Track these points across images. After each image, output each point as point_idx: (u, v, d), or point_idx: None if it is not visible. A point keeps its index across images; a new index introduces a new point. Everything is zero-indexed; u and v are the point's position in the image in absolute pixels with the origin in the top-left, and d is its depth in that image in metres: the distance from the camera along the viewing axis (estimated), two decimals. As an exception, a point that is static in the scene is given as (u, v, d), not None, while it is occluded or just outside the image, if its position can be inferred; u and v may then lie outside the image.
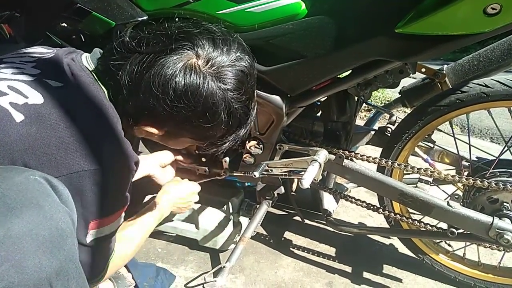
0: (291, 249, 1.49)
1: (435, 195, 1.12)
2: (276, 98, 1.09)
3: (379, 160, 1.16)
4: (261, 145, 1.21)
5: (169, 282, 1.27)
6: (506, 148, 1.16)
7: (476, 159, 1.27)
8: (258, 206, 1.34)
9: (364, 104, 1.61)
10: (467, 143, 1.22)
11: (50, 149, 0.66)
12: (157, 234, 1.47)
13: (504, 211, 1.10)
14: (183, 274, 1.33)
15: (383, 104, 2.26)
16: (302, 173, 1.04)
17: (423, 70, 1.20)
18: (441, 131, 1.27)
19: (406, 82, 1.27)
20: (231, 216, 1.39)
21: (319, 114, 1.41)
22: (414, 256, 1.36)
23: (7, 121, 0.64)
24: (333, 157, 1.15)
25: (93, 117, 0.72)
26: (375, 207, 1.23)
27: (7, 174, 0.58)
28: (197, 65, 0.75)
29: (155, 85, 0.73)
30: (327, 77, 1.04)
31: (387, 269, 1.41)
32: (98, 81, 0.78)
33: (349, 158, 1.17)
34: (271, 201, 1.35)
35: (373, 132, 1.39)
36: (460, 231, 1.14)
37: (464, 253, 1.30)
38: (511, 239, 1.03)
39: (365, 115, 2.96)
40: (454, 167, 1.37)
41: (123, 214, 0.80)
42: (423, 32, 0.86)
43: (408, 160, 1.25)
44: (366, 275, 1.37)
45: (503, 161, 1.17)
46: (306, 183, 0.99)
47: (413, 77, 1.27)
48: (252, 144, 1.22)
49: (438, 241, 1.33)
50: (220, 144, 0.88)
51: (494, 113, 1.14)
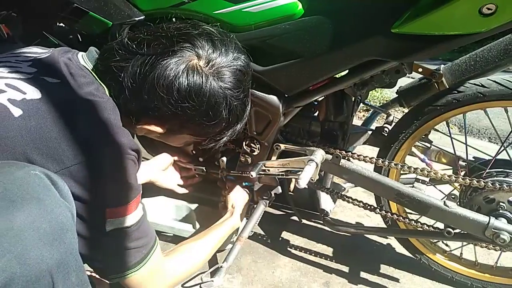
0: (289, 249, 1.49)
1: (432, 195, 1.12)
2: (273, 98, 1.09)
3: (376, 160, 1.16)
4: (258, 145, 1.21)
5: (166, 282, 1.26)
6: (502, 148, 1.16)
7: (473, 159, 1.27)
8: (255, 206, 1.34)
9: (361, 104, 1.61)
10: (464, 143, 1.22)
11: (51, 142, 0.67)
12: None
13: (501, 211, 1.10)
14: (180, 274, 1.32)
15: (381, 104, 2.27)
16: (299, 173, 1.04)
17: (420, 70, 1.20)
18: (438, 131, 1.27)
19: (403, 82, 1.27)
20: (228, 216, 1.39)
21: (316, 114, 1.41)
22: (411, 256, 1.36)
23: (6, 116, 0.66)
24: (330, 157, 1.15)
25: (92, 109, 0.73)
26: (372, 207, 1.23)
27: (8, 169, 0.59)
28: (199, 66, 0.78)
29: (159, 86, 0.76)
30: (324, 77, 1.04)
31: (384, 268, 1.41)
32: (98, 79, 0.80)
33: (346, 158, 1.17)
34: (268, 201, 1.35)
35: (370, 132, 1.39)
36: (457, 231, 1.14)
37: (461, 253, 1.30)
38: (507, 238, 1.03)
39: (363, 115, 2.96)
40: (451, 167, 1.38)
41: (140, 206, 0.79)
42: (419, 32, 0.86)
43: (405, 160, 1.26)
44: (363, 275, 1.38)
45: (499, 161, 1.17)
46: (303, 183, 0.99)
47: (411, 77, 1.27)
48: (249, 144, 1.22)
49: (435, 241, 1.33)
50: (218, 139, 0.91)
51: (492, 113, 1.14)
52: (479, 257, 1.31)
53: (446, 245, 1.35)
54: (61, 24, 1.17)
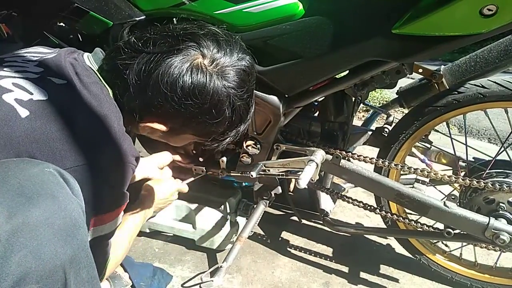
0: (288, 249, 1.49)
1: (432, 195, 1.12)
2: (274, 98, 1.09)
3: (376, 160, 1.16)
4: (258, 145, 1.21)
5: (166, 282, 1.27)
6: (502, 149, 1.16)
7: (473, 160, 1.27)
8: (255, 206, 1.34)
9: (361, 105, 1.61)
10: (464, 143, 1.22)
11: (54, 143, 0.68)
12: (154, 234, 1.47)
13: (500, 212, 1.10)
14: (180, 274, 1.33)
15: (381, 105, 2.27)
16: (299, 173, 1.04)
17: (420, 70, 1.20)
18: (438, 131, 1.27)
19: (403, 82, 1.27)
20: (228, 216, 1.39)
21: (316, 114, 1.42)
22: (411, 256, 1.36)
23: (13, 116, 0.66)
24: (330, 157, 1.15)
25: (96, 113, 0.74)
26: (372, 207, 1.23)
27: (24, 166, 0.60)
28: (203, 64, 0.79)
29: (163, 84, 0.76)
30: (324, 78, 1.04)
31: (384, 269, 1.41)
32: (102, 80, 0.81)
33: (346, 158, 1.18)
34: (268, 201, 1.35)
35: (370, 133, 1.39)
36: (457, 231, 1.14)
37: (461, 254, 1.31)
38: (507, 239, 1.03)
39: (363, 116, 2.96)
40: (451, 168, 1.38)
41: (121, 214, 0.80)
42: (420, 32, 0.86)
43: (405, 160, 1.26)
44: (363, 275, 1.38)
45: (499, 162, 1.17)
46: (303, 183, 0.99)
47: (411, 78, 1.27)
48: (249, 144, 1.22)
49: (435, 241, 1.33)
50: (221, 139, 0.92)
51: (492, 114, 1.14)
52: (479, 257, 1.31)
53: (446, 245, 1.35)
54: (61, 23, 1.17)
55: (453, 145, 1.24)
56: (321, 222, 1.39)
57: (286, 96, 1.11)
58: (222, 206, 1.39)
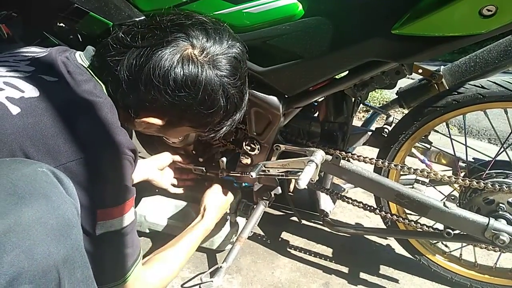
0: (288, 249, 1.49)
1: (432, 196, 1.12)
2: (273, 99, 1.09)
3: (375, 160, 1.16)
4: (258, 146, 1.21)
5: (166, 282, 1.26)
6: (502, 149, 1.16)
7: (473, 160, 1.27)
8: (255, 206, 1.34)
9: (361, 105, 1.61)
10: (463, 144, 1.22)
11: (48, 139, 0.67)
12: (154, 234, 1.47)
13: (500, 212, 1.10)
14: (179, 274, 1.32)
15: (381, 105, 2.27)
16: (299, 173, 1.04)
17: (419, 71, 1.20)
18: (437, 132, 1.27)
19: (403, 83, 1.27)
20: (228, 216, 1.39)
21: (316, 114, 1.42)
22: (410, 256, 1.36)
23: (4, 114, 0.66)
24: (330, 157, 1.15)
25: (89, 108, 0.73)
26: (372, 208, 1.23)
27: (16, 166, 0.60)
28: (194, 55, 0.79)
29: (156, 77, 0.76)
30: (324, 78, 1.04)
31: (384, 269, 1.41)
32: (95, 77, 0.80)
33: (346, 158, 1.18)
34: (268, 202, 1.35)
35: (370, 133, 1.39)
36: (457, 232, 1.14)
37: (461, 254, 1.31)
38: (507, 240, 1.03)
39: (363, 116, 2.96)
40: (451, 168, 1.38)
41: (132, 209, 0.79)
42: (419, 33, 0.86)
43: (404, 161, 1.26)
44: (363, 275, 1.38)
45: (499, 162, 1.17)
46: (302, 184, 0.99)
47: (411, 78, 1.27)
48: (249, 144, 1.22)
49: (435, 242, 1.33)
50: (217, 129, 0.91)
51: (492, 115, 1.14)
52: (479, 258, 1.31)
53: (446, 246, 1.35)
54: (61, 24, 1.17)
55: (452, 146, 1.24)
56: (321, 223, 1.39)
57: (286, 96, 1.11)
58: (222, 207, 1.38)
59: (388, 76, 1.06)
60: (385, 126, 1.37)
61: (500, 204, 1.10)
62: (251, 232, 1.27)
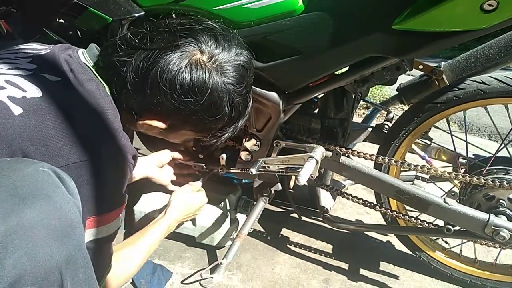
0: (288, 246, 1.49)
1: (432, 192, 1.12)
2: (273, 95, 1.09)
3: (376, 157, 1.16)
4: (258, 142, 1.21)
5: (166, 279, 1.27)
6: (503, 146, 1.16)
7: (473, 157, 1.27)
8: (255, 203, 1.34)
9: (361, 101, 1.61)
10: (464, 140, 1.22)
11: (49, 140, 0.66)
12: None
13: (500, 208, 1.10)
14: (180, 270, 1.33)
15: (381, 101, 2.26)
16: (299, 169, 1.04)
17: (420, 67, 1.20)
18: (438, 128, 1.27)
19: (404, 79, 1.27)
20: (228, 213, 1.39)
21: (316, 111, 1.41)
22: (411, 253, 1.36)
23: (6, 114, 0.65)
24: (330, 154, 1.15)
25: (92, 110, 0.72)
26: (372, 204, 1.23)
27: (18, 166, 0.58)
28: (202, 60, 0.78)
29: (162, 81, 0.75)
30: (324, 74, 1.04)
31: (384, 266, 1.41)
32: (98, 77, 0.79)
33: (346, 155, 1.17)
34: (268, 198, 1.34)
35: (370, 129, 1.39)
36: (457, 228, 1.14)
37: (461, 250, 1.31)
38: (507, 236, 1.03)
39: (363, 112, 2.96)
40: (451, 164, 1.38)
41: (121, 216, 0.78)
42: (420, 28, 0.86)
43: (405, 157, 1.25)
44: (363, 272, 1.38)
45: (499, 158, 1.17)
46: (302, 180, 0.99)
47: (411, 74, 1.27)
48: (249, 140, 1.21)
49: (435, 238, 1.33)
50: (219, 135, 0.91)
51: (492, 111, 1.14)
52: (479, 254, 1.31)
53: (446, 242, 1.35)
54: (60, 20, 1.16)
55: (453, 142, 1.23)
56: (321, 219, 1.39)
57: (286, 92, 1.11)
58: (222, 203, 1.38)
59: (388, 72, 1.05)
60: (386, 122, 1.37)
61: (501, 200, 1.10)
62: (251, 228, 1.27)
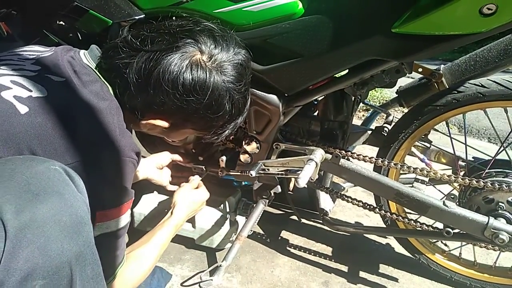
0: (288, 248, 1.49)
1: (431, 195, 1.12)
2: (273, 97, 1.09)
3: (375, 159, 1.16)
4: (257, 144, 1.21)
5: (166, 281, 1.27)
6: (502, 148, 1.16)
7: (473, 159, 1.27)
8: (254, 205, 1.34)
9: (361, 104, 1.61)
10: (463, 143, 1.22)
11: (55, 138, 0.68)
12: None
13: (500, 211, 1.10)
14: (179, 272, 1.33)
15: (381, 104, 2.27)
16: (299, 172, 1.04)
17: (420, 70, 1.20)
18: (437, 131, 1.27)
19: (403, 82, 1.27)
20: (227, 215, 1.39)
21: (316, 113, 1.41)
22: (410, 255, 1.36)
23: (12, 113, 0.67)
24: (329, 156, 1.15)
25: (95, 110, 0.74)
26: (372, 207, 1.23)
27: (30, 163, 0.60)
28: (202, 60, 0.81)
29: (165, 81, 0.78)
30: (324, 77, 1.04)
31: (384, 268, 1.41)
32: (102, 78, 0.81)
33: (346, 157, 1.17)
34: (267, 200, 1.35)
35: (369, 132, 1.39)
36: (456, 231, 1.14)
37: (460, 253, 1.31)
38: (506, 239, 1.03)
39: (363, 115, 2.96)
40: (451, 167, 1.38)
41: (129, 211, 0.80)
42: (420, 32, 0.86)
43: (404, 159, 1.26)
44: (363, 274, 1.38)
45: (499, 161, 1.17)
46: (302, 182, 0.99)
47: (411, 77, 1.27)
48: (248, 143, 1.21)
49: (434, 240, 1.33)
50: (220, 133, 0.93)
51: (491, 114, 1.14)
52: (478, 257, 1.31)
53: (445, 245, 1.35)
54: (61, 22, 1.16)
55: (452, 145, 1.23)
56: (321, 222, 1.39)
57: (286, 95, 1.11)
58: (222, 205, 1.38)
59: (388, 74, 1.05)
60: (385, 125, 1.37)
61: (500, 203, 1.10)
62: (251, 230, 1.27)
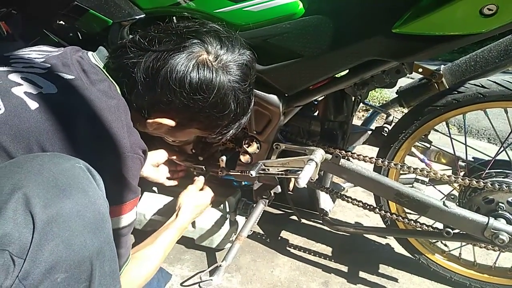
0: (288, 248, 1.49)
1: (431, 195, 1.12)
2: (273, 97, 1.09)
3: (375, 159, 1.16)
4: (258, 144, 1.21)
5: (165, 281, 1.27)
6: (502, 149, 1.16)
7: (473, 160, 1.27)
8: (254, 205, 1.34)
9: (361, 104, 1.61)
10: (463, 143, 1.22)
11: (64, 135, 0.70)
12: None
13: (500, 212, 1.10)
14: (179, 272, 1.33)
15: (381, 104, 2.27)
16: (299, 172, 1.04)
17: (420, 70, 1.20)
18: (437, 131, 1.27)
19: (403, 82, 1.27)
20: (227, 215, 1.39)
21: (316, 113, 1.41)
22: (410, 256, 1.36)
23: (23, 108, 0.68)
24: (329, 156, 1.15)
25: (104, 108, 0.76)
26: (372, 207, 1.23)
27: (57, 160, 0.62)
28: (208, 60, 0.83)
29: (172, 80, 0.80)
30: (324, 77, 1.04)
31: (383, 268, 1.41)
32: (110, 77, 0.83)
33: (346, 157, 1.17)
34: (267, 200, 1.34)
35: (370, 132, 1.39)
36: (456, 231, 1.14)
37: (460, 253, 1.31)
38: (506, 239, 1.03)
39: (363, 115, 2.96)
40: (451, 168, 1.38)
41: (135, 209, 0.81)
42: (420, 32, 0.86)
43: (404, 160, 1.26)
44: (362, 274, 1.38)
45: (499, 162, 1.17)
46: (302, 182, 0.99)
47: (411, 77, 1.27)
48: (248, 143, 1.22)
49: (434, 241, 1.33)
50: (224, 132, 0.95)
51: (491, 114, 1.14)
52: (478, 257, 1.31)
53: (445, 245, 1.35)
54: (61, 22, 1.16)
55: (452, 145, 1.23)
56: (321, 222, 1.39)
57: (286, 95, 1.11)
58: (222, 205, 1.38)
59: (388, 75, 1.05)
60: (385, 125, 1.37)
61: (500, 204, 1.10)
62: (251, 230, 1.27)
